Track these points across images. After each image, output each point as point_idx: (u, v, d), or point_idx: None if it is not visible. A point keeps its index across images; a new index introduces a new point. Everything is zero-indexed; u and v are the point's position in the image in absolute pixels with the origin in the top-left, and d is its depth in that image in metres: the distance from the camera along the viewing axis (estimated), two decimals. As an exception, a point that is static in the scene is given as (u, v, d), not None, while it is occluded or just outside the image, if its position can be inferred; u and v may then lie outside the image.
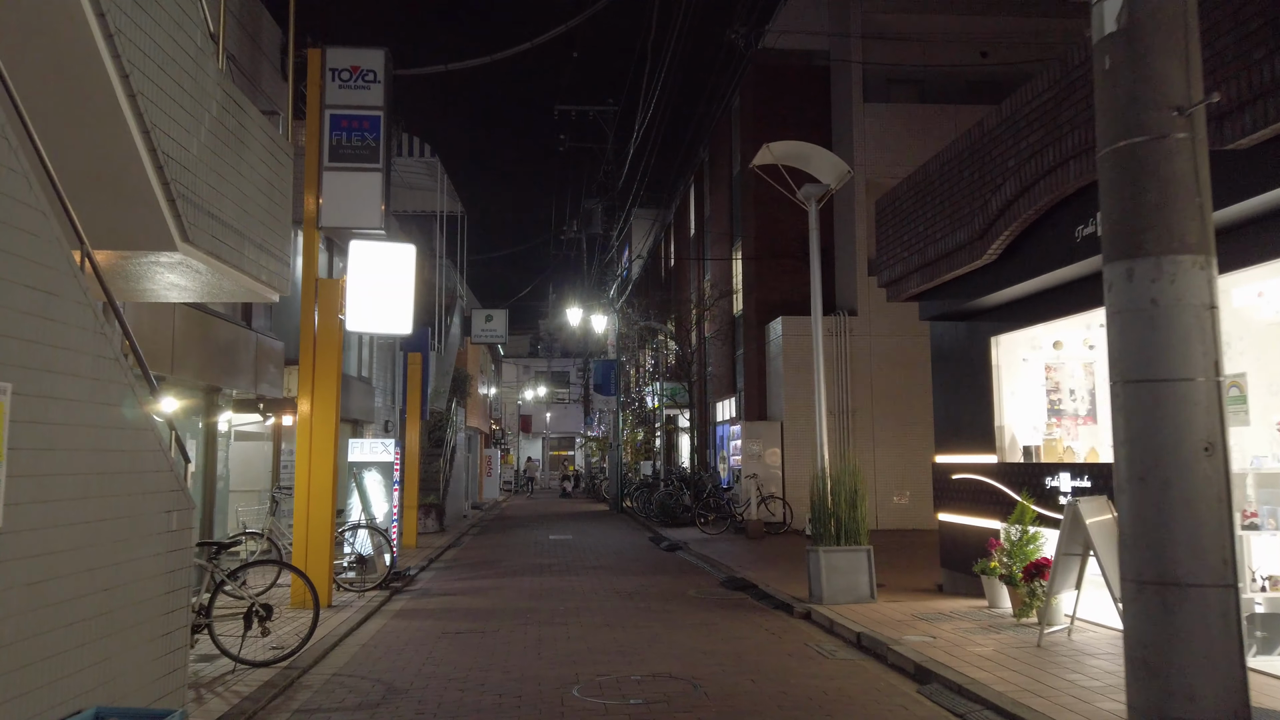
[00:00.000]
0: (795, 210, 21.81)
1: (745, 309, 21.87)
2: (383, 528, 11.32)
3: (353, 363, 18.10)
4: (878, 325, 19.29)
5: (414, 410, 16.59)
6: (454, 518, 23.18)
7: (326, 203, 9.94)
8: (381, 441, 12.03)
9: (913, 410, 18.99)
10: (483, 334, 26.04)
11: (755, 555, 14.32)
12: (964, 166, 7.94)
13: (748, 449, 19.02)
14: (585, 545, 17.15)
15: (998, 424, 8.84)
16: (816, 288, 10.19)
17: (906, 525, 18.72)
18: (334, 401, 9.90)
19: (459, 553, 16.19)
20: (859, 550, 9.06)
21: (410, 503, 16.44)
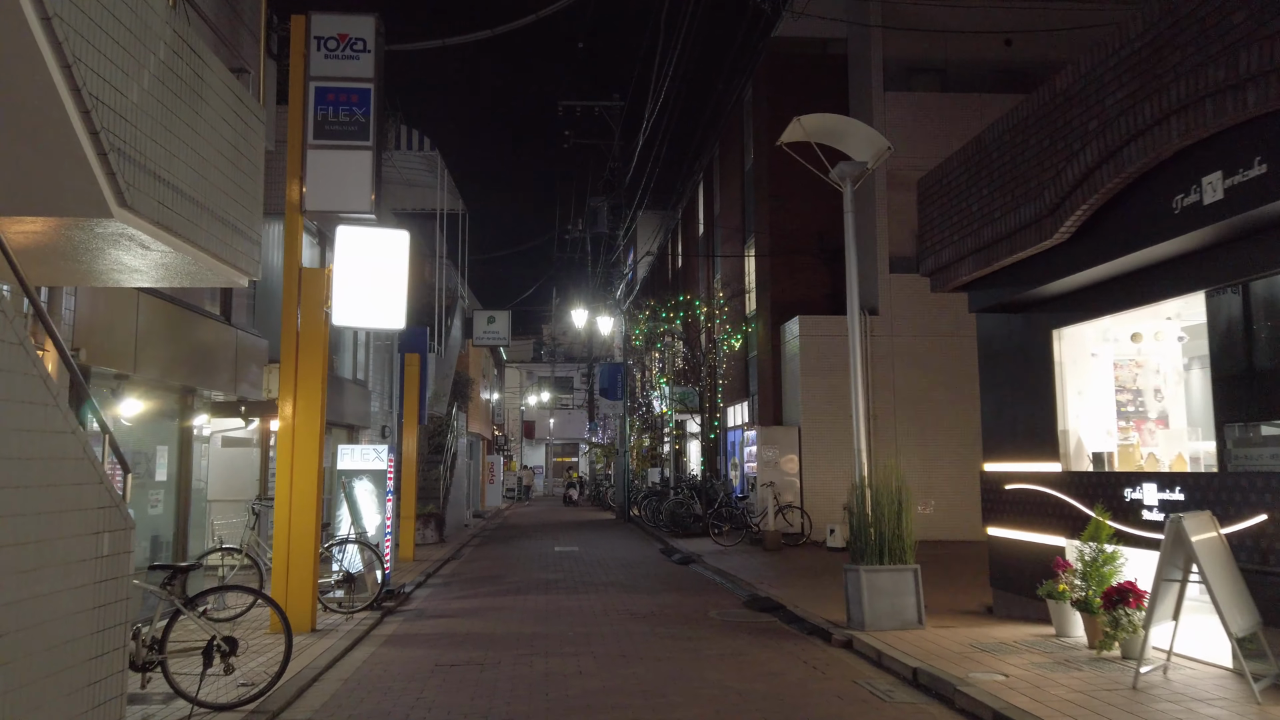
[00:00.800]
0: (812, 205, 20.91)
1: (759, 309, 20.89)
2: (374, 542, 10.34)
3: (347, 365, 17.15)
4: (900, 325, 18.32)
5: (411, 414, 15.64)
6: (454, 527, 22.22)
7: (311, 184, 9.00)
8: (374, 448, 11.06)
9: (937, 415, 18.03)
10: (485, 336, 25.09)
11: (776, 570, 13.33)
12: (1030, 134, 6.98)
13: (763, 456, 18.03)
14: (593, 558, 16.17)
15: (1061, 428, 7.86)
16: (852, 278, 9.23)
17: (931, 536, 17.70)
18: (319, 403, 8.95)
19: (458, 566, 15.21)
20: (905, 570, 8.07)
21: (407, 513, 15.48)
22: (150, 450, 9.28)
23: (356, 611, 9.65)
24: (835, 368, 18.10)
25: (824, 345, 18.18)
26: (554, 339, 60.91)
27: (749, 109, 22.36)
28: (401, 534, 15.42)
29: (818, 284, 19.73)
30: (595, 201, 27.80)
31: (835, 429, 17.96)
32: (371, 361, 18.41)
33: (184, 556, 9.67)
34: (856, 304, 9.13)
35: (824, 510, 17.63)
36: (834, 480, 17.85)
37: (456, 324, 24.08)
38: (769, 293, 19.89)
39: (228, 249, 6.07)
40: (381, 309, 9.23)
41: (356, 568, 10.04)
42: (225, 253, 6.02)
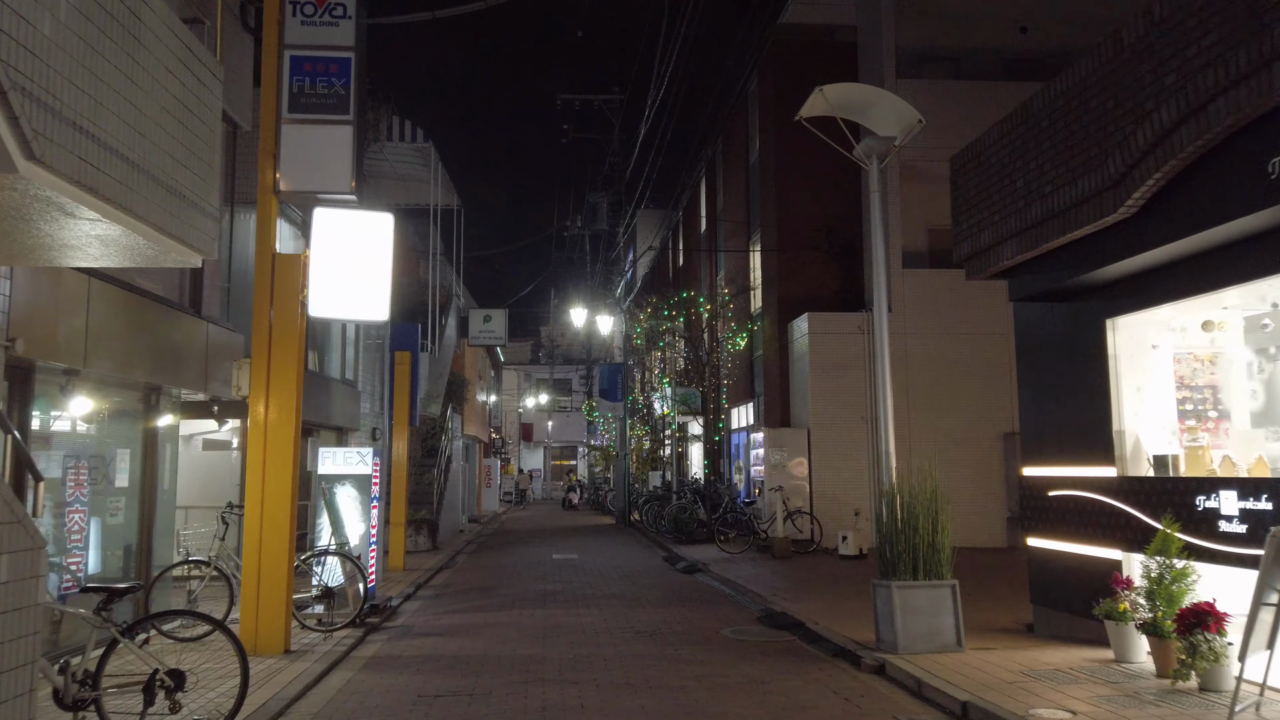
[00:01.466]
0: (820, 198, 20.11)
1: (765, 306, 20.10)
2: (356, 553, 9.53)
3: (335, 364, 16.35)
4: (913, 323, 17.53)
5: (402, 415, 14.82)
6: (449, 533, 21.40)
7: (287, 163, 8.21)
8: (357, 451, 10.25)
9: (952, 416, 17.24)
10: (481, 335, 24.29)
11: (789, 581, 12.53)
12: (1090, 95, 6.19)
13: (771, 459, 17.23)
14: (593, 566, 15.36)
15: (1116, 428, 7.07)
16: (879, 266, 8.44)
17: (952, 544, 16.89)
18: (293, 401, 8.15)
19: (451, 576, 14.39)
20: (942, 586, 7.28)
21: (397, 519, 14.67)
22: (110, 453, 8.46)
23: (336, 629, 8.84)
24: (846, 367, 17.32)
25: (834, 343, 17.39)
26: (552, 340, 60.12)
27: (754, 100, 21.58)
28: (391, 542, 14.62)
29: (826, 280, 18.95)
30: (595, 197, 27.01)
31: (846, 431, 17.18)
32: (362, 361, 17.60)
33: (148, 569, 8.86)
34: (885, 294, 8.34)
35: (834, 516, 16.83)
36: (844, 485, 17.07)
37: (451, 323, 23.28)
38: (775, 289, 19.10)
39: (177, 222, 5.27)
40: (363, 299, 8.42)
41: (337, 581, 9.23)
42: (174, 226, 5.22)
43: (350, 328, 17.03)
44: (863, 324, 17.43)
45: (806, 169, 19.13)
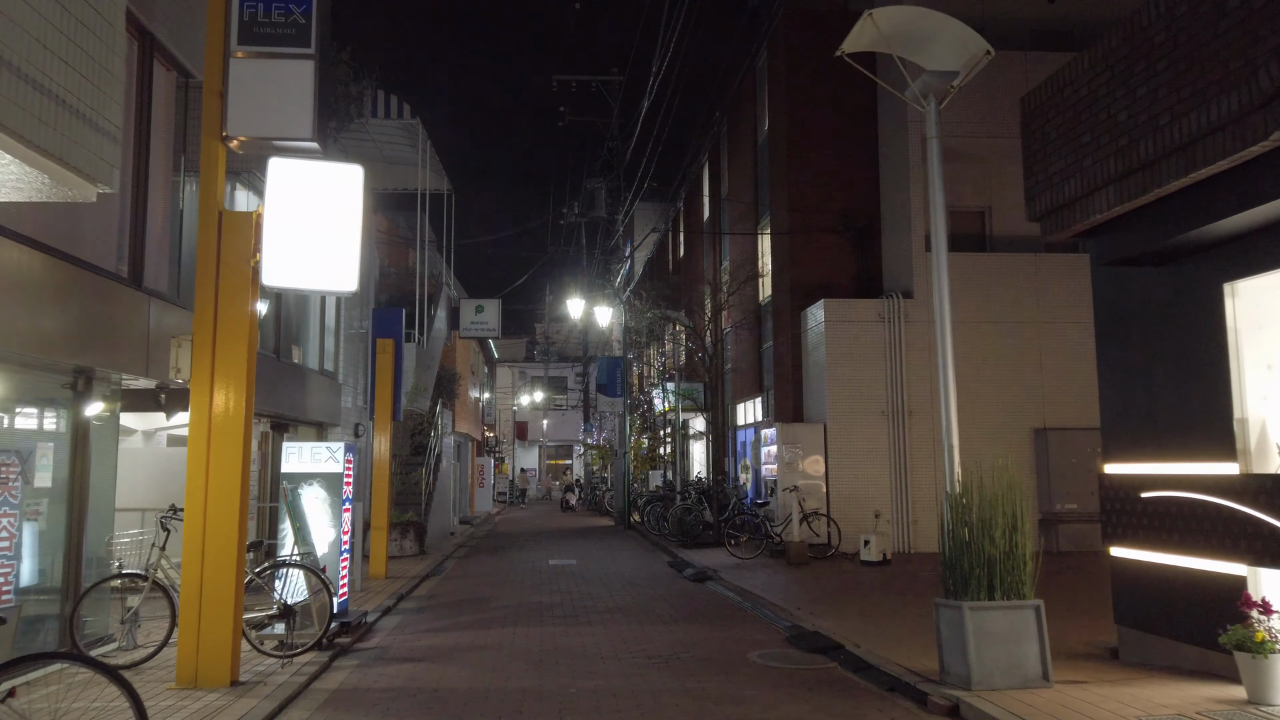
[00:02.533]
0: (836, 178, 18.82)
1: (775, 294, 18.84)
2: (323, 564, 8.24)
3: (314, 353, 15.06)
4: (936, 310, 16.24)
5: (384, 408, 13.53)
6: (438, 536, 20.11)
7: (236, 103, 6.92)
8: (327, 446, 8.96)
9: (980, 411, 15.99)
10: (473, 327, 22.97)
11: (811, 590, 11.27)
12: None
13: (784, 456, 15.97)
14: (593, 574, 14.08)
15: (1238, 415, 5.82)
16: (940, 219, 7.17)
17: (974, 547, 15.68)
18: (244, 385, 6.88)
19: (438, 585, 13.10)
20: (1023, 607, 6.01)
21: (379, 522, 13.38)
22: (27, 448, 7.17)
23: (298, 653, 7.56)
24: (865, 357, 16.08)
25: (852, 332, 16.14)
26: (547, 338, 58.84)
27: (763, 75, 20.33)
28: (372, 547, 13.34)
29: (843, 265, 17.70)
30: (593, 183, 25.73)
31: (865, 426, 15.93)
32: (343, 351, 16.30)
33: (77, 583, 7.57)
34: (944, 246, 7.07)
35: (852, 518, 15.59)
36: (864, 485, 15.83)
37: (441, 314, 21.99)
38: (788, 275, 17.84)
39: (63, 141, 3.98)
40: (329, 266, 7.12)
41: (300, 596, 7.94)
42: (58, 146, 3.94)
43: (329, 313, 15.74)
44: (883, 311, 16.19)
45: (821, 147, 17.89)
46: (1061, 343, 16.26)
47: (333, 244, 7.12)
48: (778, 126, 18.71)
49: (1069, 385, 16.18)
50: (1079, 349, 16.27)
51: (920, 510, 15.76)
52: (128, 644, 7.84)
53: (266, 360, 12.36)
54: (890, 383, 16.03)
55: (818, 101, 18.00)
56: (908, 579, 12.34)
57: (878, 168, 17.91)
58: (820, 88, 18.02)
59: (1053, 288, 16.37)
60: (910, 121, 16.49)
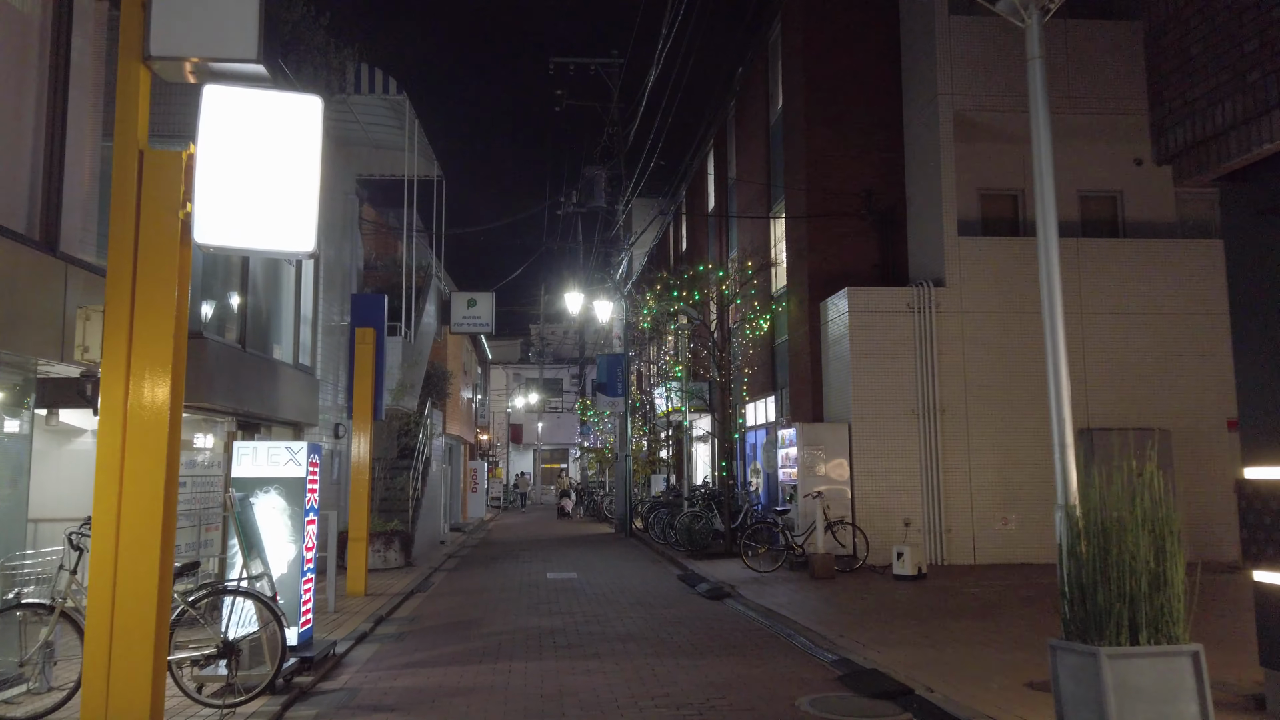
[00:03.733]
0: (857, 157, 17.38)
1: (791, 284, 17.46)
2: (274, 589, 6.81)
3: (288, 345, 13.64)
4: (972, 299, 14.91)
5: (364, 406, 12.11)
6: (427, 545, 18.68)
7: (162, 15, 5.52)
8: (286, 446, 7.54)
9: (1016, 409, 14.64)
10: (464, 322, 21.56)
11: (848, 612, 9.87)
12: None
13: (805, 459, 14.57)
14: (597, 590, 12.66)
15: None
16: (1045, 164, 5.77)
17: (1013, 558, 14.32)
18: (169, 368, 5.45)
19: (423, 603, 11.67)
20: (1178, 654, 4.60)
21: (357, 533, 11.95)
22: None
23: (244, 701, 6.15)
24: (893, 351, 14.70)
25: (879, 324, 14.76)
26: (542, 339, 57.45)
27: (776, 49, 18.97)
28: (350, 561, 11.92)
29: (865, 252, 16.33)
30: (592, 171, 24.35)
31: (893, 426, 14.56)
32: (322, 344, 14.88)
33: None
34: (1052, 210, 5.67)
35: (880, 527, 14.21)
36: (892, 490, 14.45)
37: (430, 308, 20.55)
38: (805, 263, 16.46)
39: None
40: (278, 221, 5.70)
41: (250, 628, 6.52)
42: None
43: (306, 301, 14.31)
44: (913, 300, 14.81)
45: (840, 124, 16.53)
46: (1104, 334, 14.91)
47: (285, 194, 5.71)
48: (793, 103, 17.35)
49: (1114, 381, 14.83)
50: (1122, 341, 14.93)
51: (954, 518, 14.38)
52: (39, 686, 6.44)
53: (230, 351, 10.95)
54: (920, 378, 14.65)
55: (837, 75, 16.64)
56: (953, 596, 10.95)
57: (903, 147, 16.55)
58: (839, 60, 16.68)
59: (1093, 274, 15.02)
60: (941, 94, 15.13)
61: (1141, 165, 16.45)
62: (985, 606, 10.11)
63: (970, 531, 14.44)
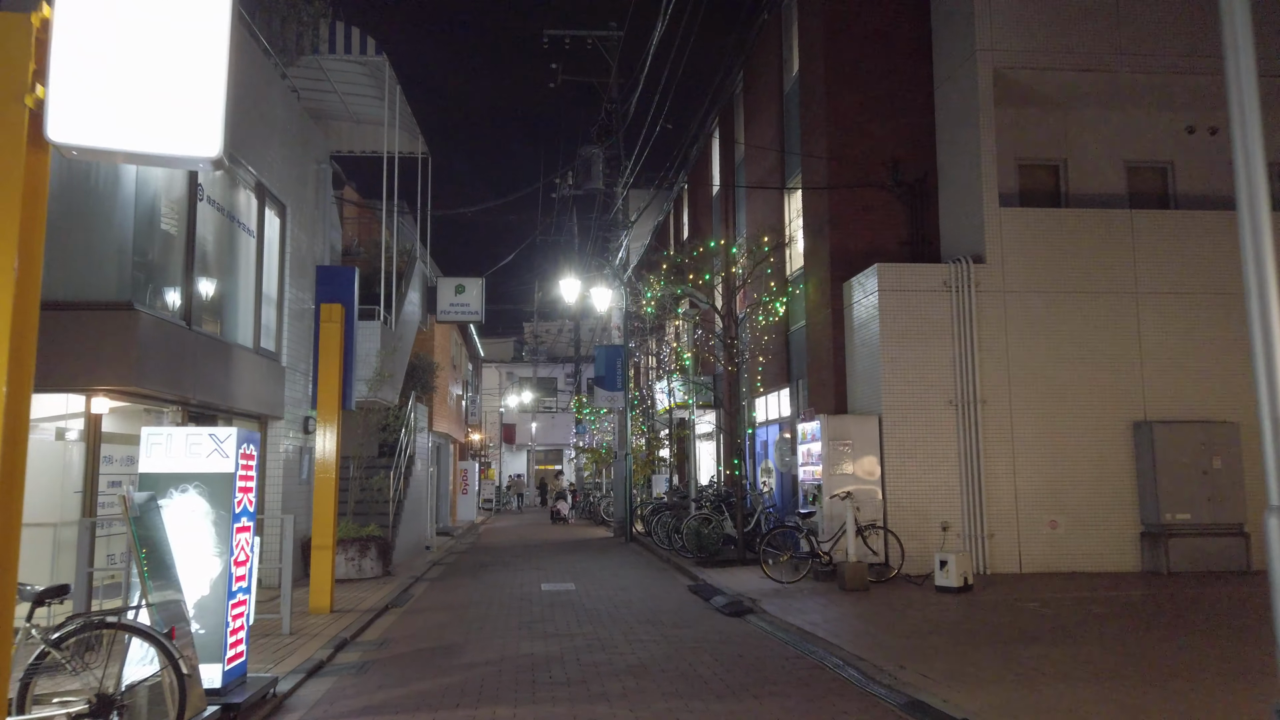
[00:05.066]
0: (883, 123, 15.69)
1: (809, 265, 15.90)
2: (165, 627, 5.19)
3: (246, 327, 12.05)
4: (1016, 276, 13.37)
5: (330, 393, 10.51)
6: (409, 551, 17.08)
7: None
8: (211, 434, 5.93)
9: (1064, 398, 13.12)
10: (452, 310, 19.95)
11: (896, 632, 8.30)
12: None
13: (831, 455, 13.01)
14: (599, 604, 11.08)
15: None
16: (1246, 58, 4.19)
17: (1063, 566, 12.78)
18: (6, 324, 3.87)
19: (398, 622, 10.08)
20: None
21: (322, 540, 10.36)
22: None
23: (134, 772, 4.54)
24: (928, 335, 13.16)
25: (913, 304, 13.21)
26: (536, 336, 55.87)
27: (792, 10, 17.42)
28: (315, 571, 10.33)
29: (892, 227, 14.78)
30: (589, 151, 22.78)
31: (928, 419, 13.01)
32: (289, 328, 13.28)
33: None
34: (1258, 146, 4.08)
35: (913, 531, 12.66)
36: (927, 490, 12.90)
37: (414, 295, 18.97)
38: (827, 240, 14.89)
39: None
40: (166, 115, 4.12)
41: (142, 674, 4.92)
42: None
43: (270, 276, 12.72)
44: (949, 278, 13.26)
45: (865, 87, 14.99)
46: (1162, 317, 13.38)
47: (178, 80, 4.13)
48: (812, 66, 15.79)
49: (1174, 368, 13.30)
50: (1183, 324, 13.40)
51: (997, 521, 12.83)
52: None
53: (172, 329, 9.38)
54: (959, 365, 13.10)
55: (860, 34, 15.10)
56: (1013, 613, 9.39)
57: (933, 112, 15.01)
58: (862, 17, 15.13)
59: (1150, 250, 13.51)
60: (979, 49, 13.59)
61: (1194, 133, 14.95)
62: (1059, 628, 8.56)
63: (1015, 536, 12.89)
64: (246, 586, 6.15)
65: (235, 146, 11.41)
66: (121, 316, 8.50)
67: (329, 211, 16.24)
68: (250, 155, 11.94)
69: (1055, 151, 14.90)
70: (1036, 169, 14.99)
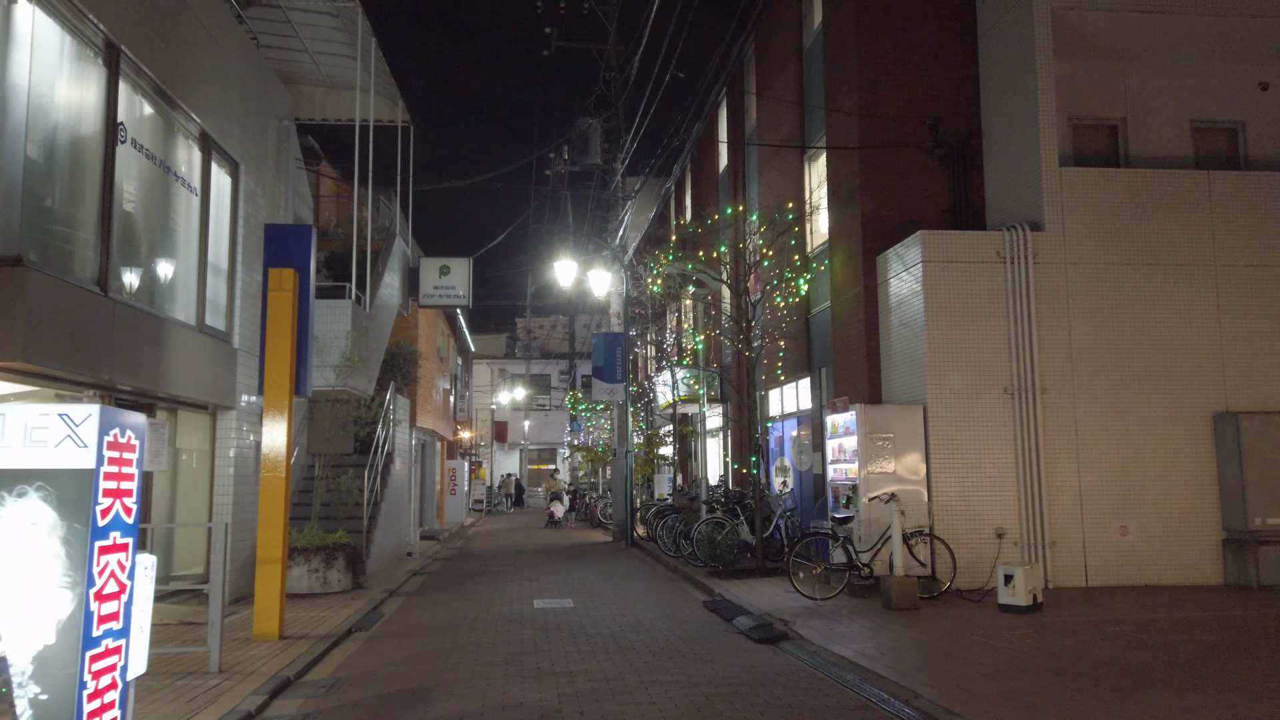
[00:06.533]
0: (919, 77, 13.41)
1: (836, 237, 14.16)
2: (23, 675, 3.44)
3: (188, 302, 10.29)
4: (1079, 246, 11.67)
5: (280, 375, 8.72)
6: (388, 558, 15.31)
7: None
8: (63, 414, 4.16)
9: (1137, 385, 11.43)
10: (436, 293, 18.16)
11: (984, 671, 6.57)
12: None
13: (869, 450, 11.27)
14: (603, 628, 9.33)
15: None
16: None
17: (1136, 578, 11.08)
18: None
19: (357, 654, 8.29)
20: None
21: (270, 553, 8.57)
22: None
23: None
24: (979, 312, 11.45)
25: (962, 278, 11.50)
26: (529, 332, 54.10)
27: (812, -43, 15.69)
28: (260, 590, 8.56)
29: (931, 193, 13.06)
30: (586, 123, 21.01)
31: (979, 408, 11.30)
32: (242, 308, 11.51)
33: None
34: None
35: (962, 538, 10.94)
36: (979, 491, 11.18)
37: (393, 274, 17.18)
38: (858, 208, 13.15)
39: None
40: None
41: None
42: None
43: (219, 244, 10.96)
44: (1004, 247, 11.55)
45: (899, 36, 13.26)
46: (1245, 293, 11.69)
47: None
48: (839, 14, 14.04)
49: (1261, 352, 11.61)
50: (1270, 301, 11.71)
51: (1060, 528, 11.13)
52: None
53: (81, 295, 7.64)
54: (1014, 347, 11.38)
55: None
56: (1102, 640, 7.66)
57: (977, 64, 13.30)
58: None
59: (1230, 217, 11.82)
60: (1035, -11, 11.86)
61: (1268, 90, 13.26)
62: (1176, 663, 6.84)
63: (1080, 544, 11.18)
64: (122, 629, 4.39)
65: (171, 82, 9.63)
66: (7, 274, 6.75)
67: (294, 178, 14.46)
68: (193, 98, 10.17)
69: (1113, 109, 13.20)
70: (1092, 129, 13.28)
